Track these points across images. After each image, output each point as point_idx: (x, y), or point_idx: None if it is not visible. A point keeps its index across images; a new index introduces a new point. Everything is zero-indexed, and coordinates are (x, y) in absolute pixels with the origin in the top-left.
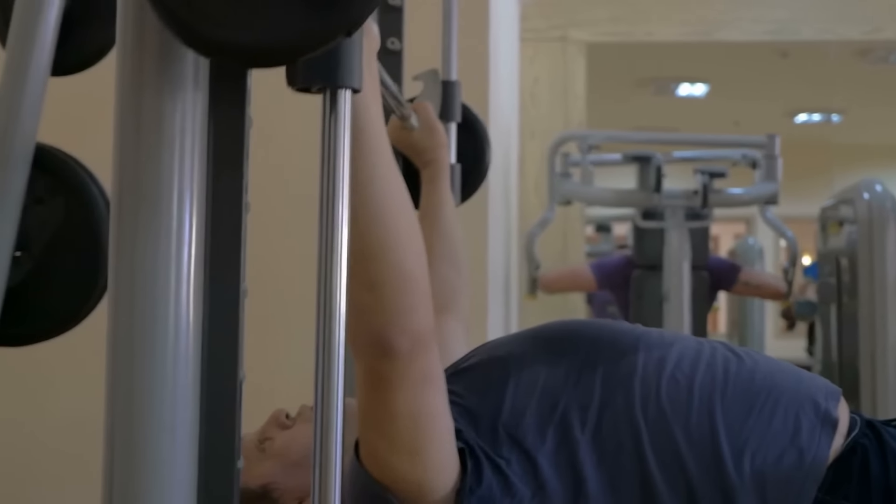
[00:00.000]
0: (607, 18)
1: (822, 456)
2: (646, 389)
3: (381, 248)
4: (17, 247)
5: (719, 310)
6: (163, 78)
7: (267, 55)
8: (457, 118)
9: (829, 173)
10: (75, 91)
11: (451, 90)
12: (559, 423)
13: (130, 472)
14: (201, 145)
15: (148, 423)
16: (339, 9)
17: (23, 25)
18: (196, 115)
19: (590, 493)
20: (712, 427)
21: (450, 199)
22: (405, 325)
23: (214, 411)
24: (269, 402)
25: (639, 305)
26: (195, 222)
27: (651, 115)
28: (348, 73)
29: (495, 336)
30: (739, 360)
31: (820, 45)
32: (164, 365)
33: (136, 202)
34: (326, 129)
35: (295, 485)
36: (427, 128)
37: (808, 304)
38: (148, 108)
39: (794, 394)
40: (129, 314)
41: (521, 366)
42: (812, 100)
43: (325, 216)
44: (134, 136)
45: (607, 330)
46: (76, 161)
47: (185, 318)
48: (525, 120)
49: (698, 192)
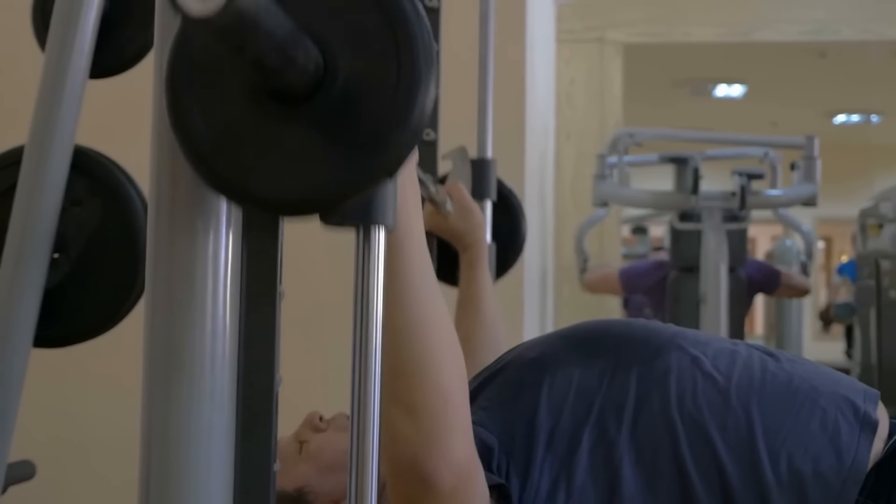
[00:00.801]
0: (644, 19)
1: (862, 458)
2: (682, 388)
3: (418, 366)
4: (55, 248)
5: (756, 312)
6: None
7: (303, 206)
8: (492, 196)
9: (868, 174)
10: (114, 93)
11: (487, 168)
12: (595, 424)
13: (167, 476)
14: None
15: (185, 426)
16: (377, 154)
17: (61, 28)
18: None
19: (626, 494)
20: (749, 427)
21: (489, 283)
22: (446, 453)
23: (251, 414)
24: (306, 405)
25: (676, 308)
26: (232, 224)
27: (688, 117)
28: (382, 211)
29: (531, 334)
30: (777, 361)
31: (858, 45)
32: (201, 368)
33: (174, 204)
34: (359, 265)
35: (329, 488)
36: (463, 210)
37: (847, 306)
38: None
39: (832, 395)
40: (166, 317)
41: (555, 367)
42: (851, 100)
43: (358, 351)
44: (173, 138)
45: (640, 329)
46: (114, 163)
47: (222, 321)
48: (561, 121)
49: (736, 194)
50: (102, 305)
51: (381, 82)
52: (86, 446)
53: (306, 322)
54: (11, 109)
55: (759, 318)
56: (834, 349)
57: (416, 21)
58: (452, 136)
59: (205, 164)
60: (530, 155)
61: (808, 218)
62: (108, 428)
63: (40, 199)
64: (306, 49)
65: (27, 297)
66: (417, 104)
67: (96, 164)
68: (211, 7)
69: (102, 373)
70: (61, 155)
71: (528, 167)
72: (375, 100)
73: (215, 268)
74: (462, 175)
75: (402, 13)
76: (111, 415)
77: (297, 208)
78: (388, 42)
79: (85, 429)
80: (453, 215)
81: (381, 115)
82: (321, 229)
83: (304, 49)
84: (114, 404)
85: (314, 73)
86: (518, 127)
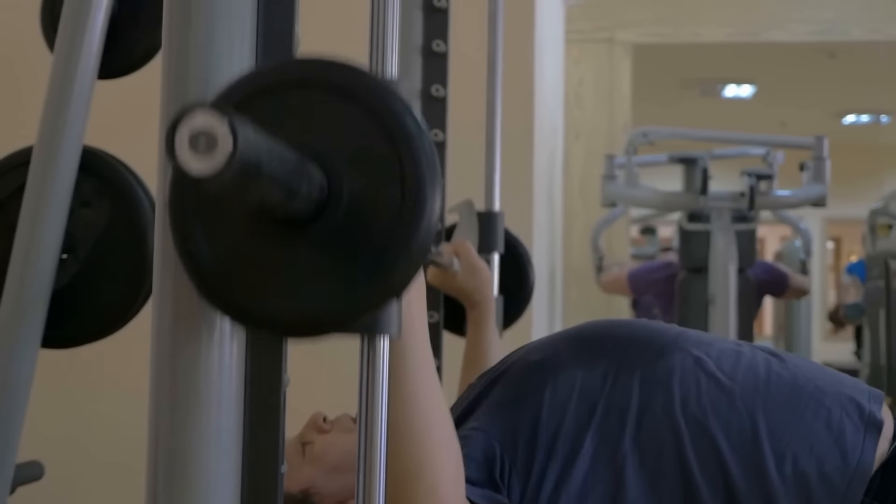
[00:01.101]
0: (653, 19)
1: (868, 459)
2: (685, 390)
3: (416, 466)
4: (64, 249)
5: (764, 313)
6: (209, 77)
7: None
8: (500, 249)
9: (877, 175)
10: (123, 94)
11: (494, 221)
12: (598, 426)
13: (174, 478)
14: None
15: (192, 428)
16: (382, 277)
17: (70, 29)
18: None
19: (629, 496)
20: (754, 428)
21: (496, 339)
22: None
23: (258, 416)
24: (311, 406)
25: (684, 308)
26: None
27: (697, 117)
28: (387, 322)
29: (539, 335)
30: (781, 361)
31: (868, 46)
32: (208, 369)
33: None
34: (364, 371)
35: (335, 489)
36: (470, 269)
37: (856, 306)
38: None
39: (837, 396)
40: (173, 317)
41: (558, 370)
42: (860, 101)
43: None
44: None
45: (644, 330)
46: (123, 164)
47: (229, 322)
48: (569, 121)
49: (745, 195)
50: (111, 306)
51: (386, 203)
52: (94, 447)
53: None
54: (20, 110)
55: (767, 319)
56: (843, 350)
57: (419, 140)
58: (461, 136)
59: (208, 288)
60: (539, 155)
61: (818, 218)
62: (116, 428)
63: (49, 200)
64: (310, 177)
65: (36, 297)
66: (423, 225)
67: (105, 164)
68: (214, 165)
69: (111, 373)
70: (70, 156)
71: (536, 167)
72: (380, 221)
73: None
74: (469, 228)
75: (406, 132)
76: (119, 415)
77: (302, 331)
78: (392, 162)
79: (93, 429)
80: (461, 274)
81: (386, 236)
82: None
83: (309, 178)
84: (122, 405)
85: (318, 197)
86: (527, 127)
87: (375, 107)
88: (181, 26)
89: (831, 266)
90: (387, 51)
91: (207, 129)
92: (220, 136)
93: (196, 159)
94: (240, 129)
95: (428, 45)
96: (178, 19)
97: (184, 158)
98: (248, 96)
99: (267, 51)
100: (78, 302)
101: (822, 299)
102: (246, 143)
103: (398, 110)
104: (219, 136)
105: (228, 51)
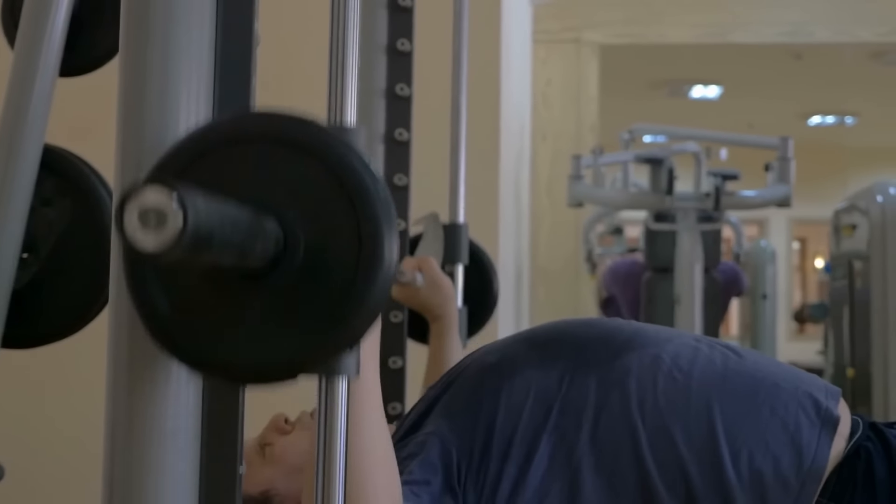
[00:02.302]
0: (621, 20)
1: (822, 458)
2: (642, 389)
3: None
4: (24, 248)
5: (730, 312)
6: (166, 80)
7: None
8: (464, 260)
9: (842, 176)
10: (84, 92)
11: (459, 233)
12: (553, 429)
13: (131, 478)
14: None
15: (148, 428)
16: (337, 329)
17: (31, 26)
18: (200, 117)
19: (586, 497)
20: (710, 426)
21: (458, 349)
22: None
23: (216, 416)
24: (272, 406)
25: (650, 308)
26: None
27: (664, 118)
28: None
29: (505, 334)
30: (738, 357)
31: (834, 47)
32: (165, 369)
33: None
34: (322, 413)
35: (296, 490)
36: (433, 284)
37: (821, 306)
38: (151, 110)
39: (794, 392)
40: (130, 317)
41: (513, 372)
42: (826, 102)
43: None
44: (137, 138)
45: (600, 329)
46: (84, 162)
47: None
48: (537, 122)
49: (710, 195)
50: (72, 306)
51: (343, 255)
52: (53, 448)
53: None
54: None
55: (733, 318)
56: (808, 350)
57: (375, 194)
58: (426, 136)
59: (164, 338)
60: (506, 155)
61: (784, 219)
62: (76, 429)
63: (9, 199)
64: (265, 235)
65: None
66: (379, 279)
67: (67, 163)
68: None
69: (71, 374)
70: (31, 154)
71: (503, 168)
72: (337, 272)
73: None
74: (434, 240)
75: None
76: (79, 416)
77: (255, 379)
78: (348, 216)
79: (52, 430)
80: (423, 290)
81: (341, 288)
82: None
83: (264, 236)
84: (82, 405)
85: (274, 250)
86: (493, 127)
87: (332, 161)
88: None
89: (797, 266)
90: (348, 49)
91: (156, 206)
92: (169, 213)
93: (146, 235)
94: (189, 204)
95: (393, 43)
96: (136, 20)
97: (134, 236)
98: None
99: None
100: (38, 301)
101: (788, 299)
102: (196, 216)
103: (355, 166)
104: (168, 213)
105: (187, 59)
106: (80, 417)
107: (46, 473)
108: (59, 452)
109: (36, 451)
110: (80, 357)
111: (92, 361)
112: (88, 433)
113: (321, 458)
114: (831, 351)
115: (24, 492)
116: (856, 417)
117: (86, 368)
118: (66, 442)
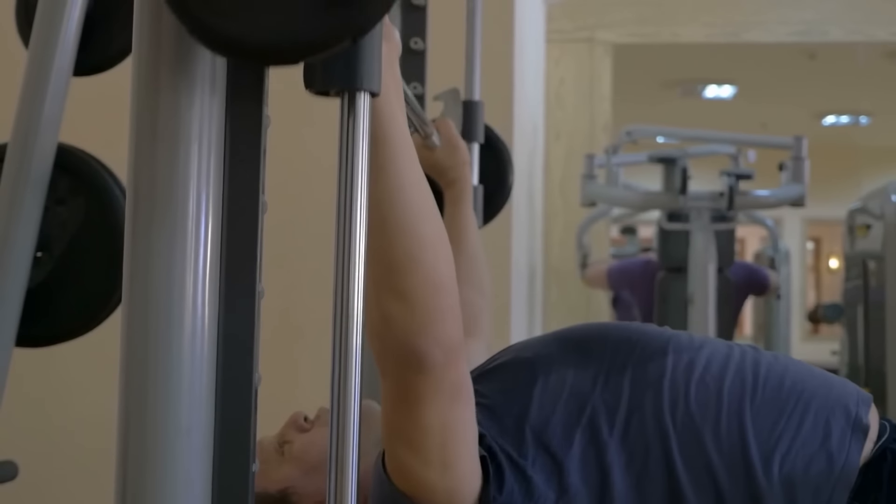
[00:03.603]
0: (634, 20)
1: (853, 462)
2: (675, 393)
3: (411, 258)
4: (38, 247)
5: (744, 312)
6: (179, 77)
7: (279, 53)
8: (480, 139)
9: (856, 175)
10: (98, 91)
11: (474, 110)
12: (587, 426)
13: (144, 475)
14: (218, 145)
15: (162, 425)
16: (354, 7)
17: (45, 26)
18: (213, 114)
19: (616, 497)
20: (741, 431)
21: (473, 221)
22: (438, 334)
23: (229, 414)
24: (288, 405)
25: (664, 308)
26: (211, 223)
27: (678, 118)
28: (367, 75)
29: (518, 336)
30: (770, 363)
31: (848, 47)
32: (179, 367)
33: (152, 203)
34: (344, 133)
35: (314, 489)
36: (449, 145)
37: (835, 307)
38: (164, 108)
39: (825, 399)
40: (144, 316)
41: (549, 368)
42: (840, 102)
43: (342, 222)
44: (150, 136)
45: (636, 332)
46: (98, 161)
47: (201, 320)
48: (550, 121)
49: (724, 194)
50: (85, 304)
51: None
52: (69, 446)
53: (287, 320)
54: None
55: (747, 319)
56: (822, 350)
57: None
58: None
59: (189, 15)
60: (519, 155)
61: (798, 219)
62: (91, 428)
63: (23, 198)
64: None
65: (9, 296)
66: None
67: (80, 162)
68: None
69: (86, 372)
70: (45, 153)
71: (516, 167)
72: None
73: (194, 264)
74: (453, 116)
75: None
76: (95, 415)
77: (274, 55)
78: None
79: (68, 429)
80: (439, 150)
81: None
82: (304, 230)
83: None
84: (98, 404)
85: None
86: (506, 126)
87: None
88: (151, 23)
89: (811, 266)
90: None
91: None
92: None
93: None
94: None
95: (406, 43)
96: (147, 17)
97: None
98: None
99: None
100: (52, 300)
101: (802, 299)
102: None
103: None
104: None
105: (199, 47)
106: (91, 417)
107: (59, 471)
108: (70, 453)
109: (49, 450)
110: (82, 357)
111: (95, 362)
112: (99, 432)
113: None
114: (845, 351)
115: (39, 490)
116: (884, 421)
117: (91, 368)
118: (77, 440)
